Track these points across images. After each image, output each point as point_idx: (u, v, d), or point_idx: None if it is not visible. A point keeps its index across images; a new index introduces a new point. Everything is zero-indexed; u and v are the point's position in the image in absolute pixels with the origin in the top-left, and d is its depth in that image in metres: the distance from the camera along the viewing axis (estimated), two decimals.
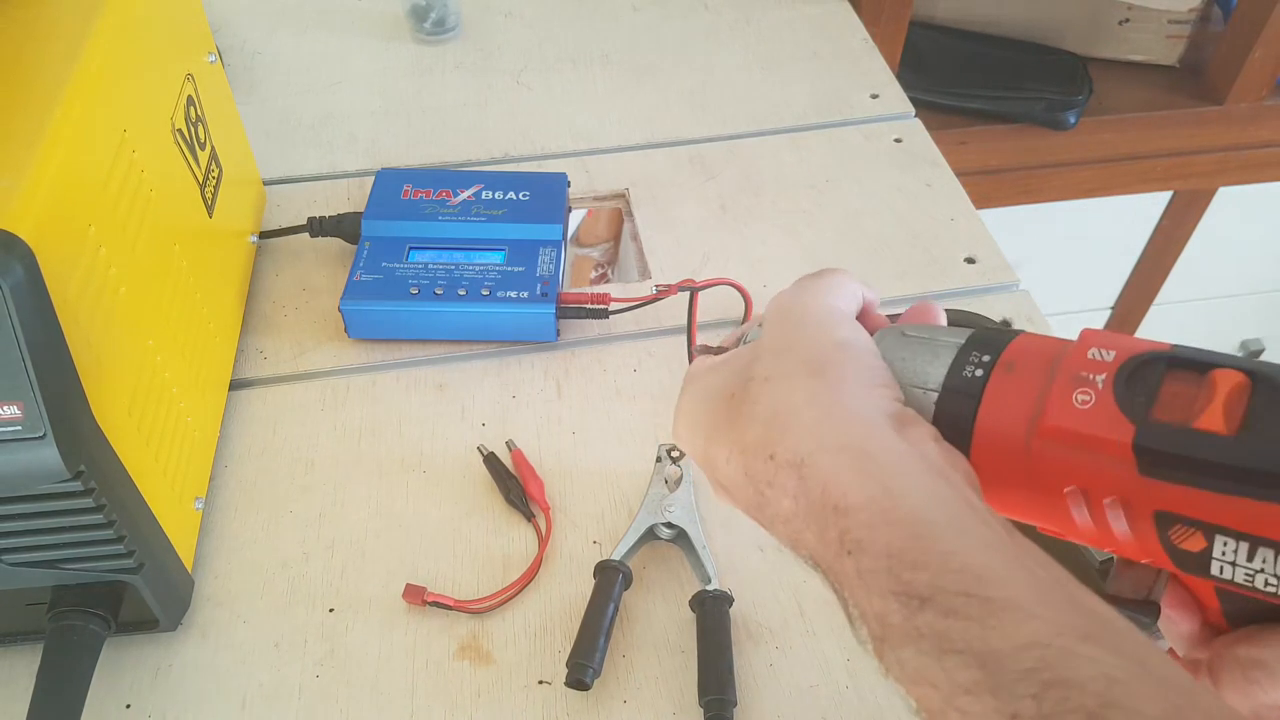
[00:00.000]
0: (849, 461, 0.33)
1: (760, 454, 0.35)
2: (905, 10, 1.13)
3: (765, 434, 0.35)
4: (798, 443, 0.34)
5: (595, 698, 0.54)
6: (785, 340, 0.37)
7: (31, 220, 0.42)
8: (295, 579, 0.59)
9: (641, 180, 0.85)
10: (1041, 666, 0.27)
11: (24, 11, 0.52)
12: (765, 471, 0.35)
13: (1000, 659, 0.27)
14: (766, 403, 0.36)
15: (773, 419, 0.35)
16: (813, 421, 0.34)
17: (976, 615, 0.28)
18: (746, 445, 0.36)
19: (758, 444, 0.35)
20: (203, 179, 0.66)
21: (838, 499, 0.32)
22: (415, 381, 0.70)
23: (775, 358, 0.37)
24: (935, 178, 0.85)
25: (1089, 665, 0.27)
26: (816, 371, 0.36)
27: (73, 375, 0.44)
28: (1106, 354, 0.33)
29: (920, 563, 0.30)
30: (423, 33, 1.00)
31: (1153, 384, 0.32)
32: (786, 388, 0.36)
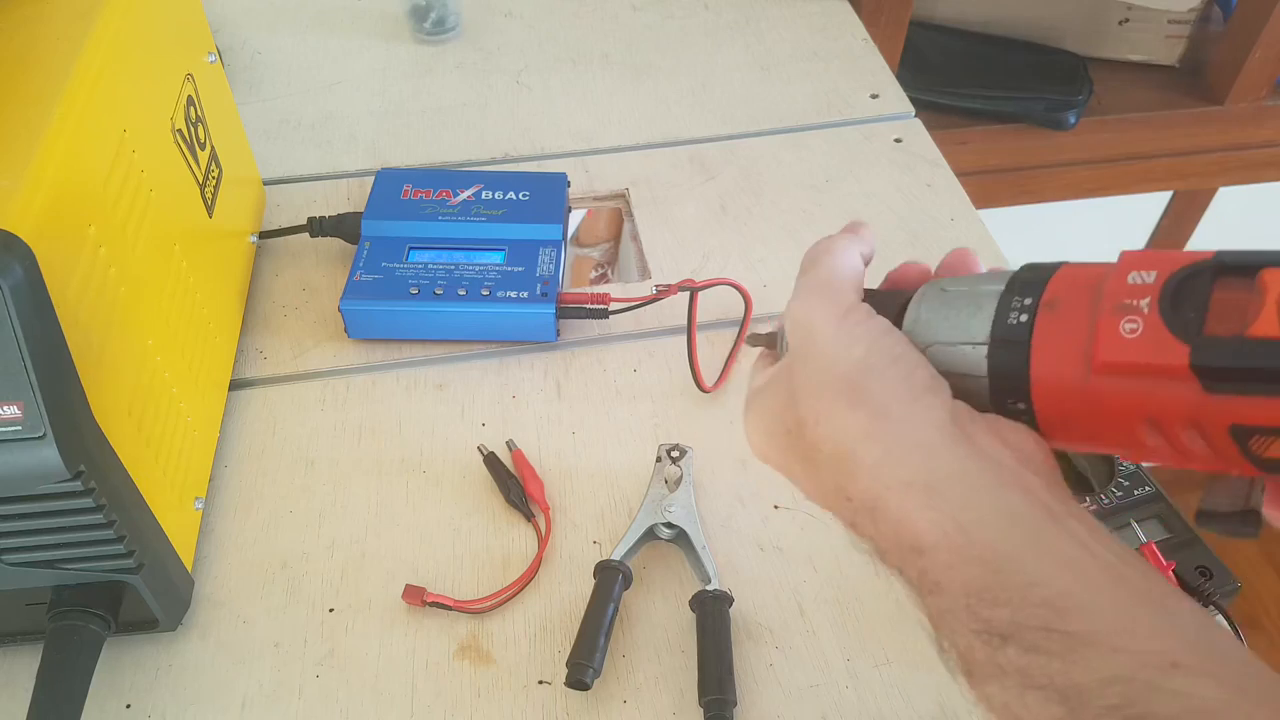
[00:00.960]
0: (917, 499, 0.33)
1: (838, 496, 0.35)
2: (905, 10, 1.13)
3: (836, 479, 0.35)
4: (866, 486, 0.34)
5: (595, 698, 0.54)
6: (809, 373, 0.37)
7: (31, 220, 0.42)
8: (295, 579, 0.59)
9: (641, 180, 0.85)
10: (1124, 703, 0.27)
11: (24, 11, 0.52)
12: (846, 511, 0.35)
13: (1083, 695, 0.27)
14: (827, 449, 0.35)
15: (838, 464, 0.35)
16: (874, 462, 0.34)
17: (1058, 651, 0.28)
18: (824, 488, 0.36)
19: (833, 488, 0.36)
20: (203, 179, 0.66)
21: (912, 540, 0.32)
22: (415, 381, 0.70)
23: (813, 397, 0.36)
24: (935, 178, 0.85)
25: (1174, 700, 0.26)
26: (856, 402, 0.35)
27: (73, 375, 0.44)
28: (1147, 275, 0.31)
29: (1000, 599, 0.30)
30: (423, 33, 1.00)
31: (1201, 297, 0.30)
32: (837, 429, 0.35)
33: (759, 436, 0.40)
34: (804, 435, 0.36)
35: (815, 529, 0.61)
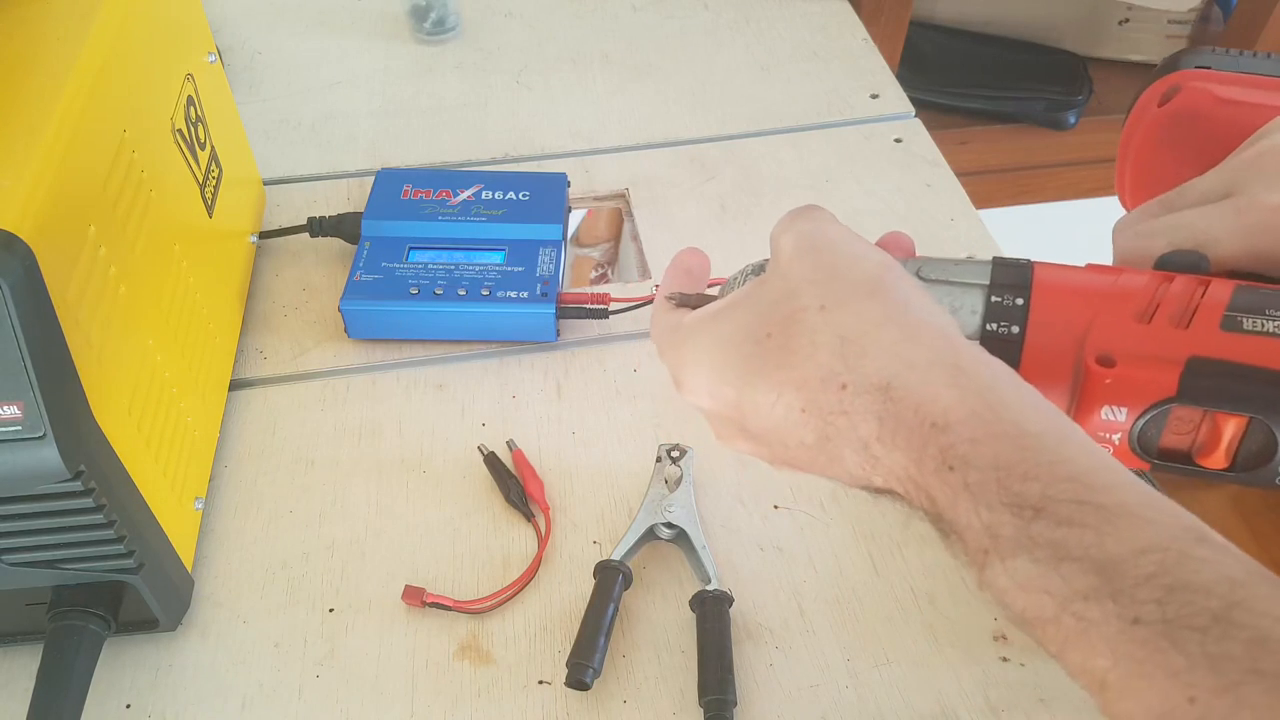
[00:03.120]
0: (942, 377, 0.33)
1: (828, 385, 0.34)
2: (905, 10, 1.14)
3: (833, 363, 0.34)
4: (879, 366, 0.33)
5: (595, 698, 0.54)
6: (821, 267, 0.36)
7: (31, 220, 0.42)
8: (295, 579, 0.59)
9: (641, 180, 0.85)
10: (1161, 571, 0.27)
11: (24, 11, 0.52)
12: (836, 402, 0.34)
13: (1119, 565, 0.28)
14: (829, 331, 0.35)
15: (842, 346, 0.34)
16: (893, 342, 0.34)
17: (1092, 523, 0.29)
18: (805, 379, 0.35)
19: (824, 375, 0.34)
20: (203, 179, 0.66)
21: (935, 416, 0.32)
22: (415, 381, 0.70)
23: (821, 285, 0.36)
24: (935, 178, 0.85)
25: (1209, 568, 0.27)
26: (874, 293, 0.35)
27: (73, 375, 0.44)
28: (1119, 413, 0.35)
29: (1030, 474, 0.30)
30: (423, 33, 1.00)
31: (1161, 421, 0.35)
32: (851, 313, 0.35)
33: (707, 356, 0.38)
34: (795, 326, 0.35)
35: (815, 529, 0.61)
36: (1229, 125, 0.45)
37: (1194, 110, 0.48)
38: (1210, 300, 0.35)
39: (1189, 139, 0.48)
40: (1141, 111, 0.51)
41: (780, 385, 0.35)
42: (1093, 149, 1.26)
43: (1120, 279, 0.37)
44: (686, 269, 0.45)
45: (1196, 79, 0.48)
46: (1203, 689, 0.26)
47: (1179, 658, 0.26)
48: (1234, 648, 0.25)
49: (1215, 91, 0.47)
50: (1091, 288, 0.37)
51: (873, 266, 0.36)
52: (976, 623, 0.57)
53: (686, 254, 0.46)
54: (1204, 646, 0.26)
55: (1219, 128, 0.46)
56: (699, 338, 0.39)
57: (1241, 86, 0.47)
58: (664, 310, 0.43)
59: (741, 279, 0.42)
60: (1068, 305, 0.36)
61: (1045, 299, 0.36)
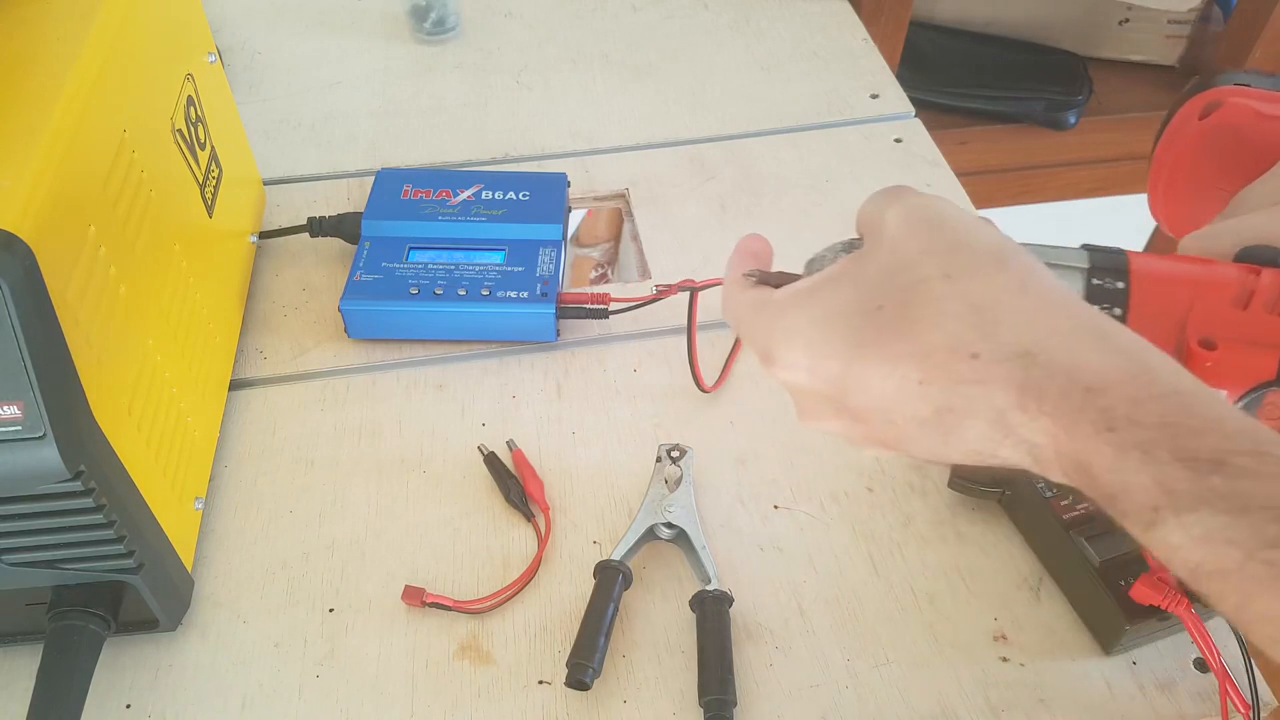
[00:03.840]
0: (1089, 343, 0.32)
1: (958, 354, 0.33)
2: (905, 10, 1.13)
3: (964, 332, 0.33)
4: (1018, 334, 0.33)
5: (595, 698, 0.54)
6: (939, 239, 0.36)
7: (31, 220, 0.42)
8: (295, 579, 0.59)
9: (641, 180, 0.85)
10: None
11: (24, 11, 0.52)
12: (967, 371, 0.33)
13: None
14: (959, 300, 0.34)
15: (975, 314, 0.34)
16: (1030, 309, 0.33)
17: (1274, 472, 0.29)
18: (929, 350, 0.34)
19: (952, 345, 0.33)
20: (203, 179, 0.66)
21: (1089, 380, 0.32)
22: (415, 381, 0.70)
23: (942, 256, 0.35)
24: (935, 178, 0.85)
25: None
26: (1002, 263, 0.35)
27: (73, 375, 0.44)
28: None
29: (1199, 429, 0.30)
30: (423, 33, 1.00)
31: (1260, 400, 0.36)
32: (980, 281, 0.34)
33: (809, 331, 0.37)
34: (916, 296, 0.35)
35: (815, 529, 0.61)
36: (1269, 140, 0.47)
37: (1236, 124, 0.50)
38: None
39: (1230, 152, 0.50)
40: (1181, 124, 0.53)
41: (896, 357, 0.34)
42: (1093, 149, 1.25)
43: (1212, 269, 0.38)
44: (753, 252, 0.44)
45: (1237, 95, 0.51)
46: None
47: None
48: None
49: (1257, 108, 0.49)
50: (1187, 275, 0.38)
51: (995, 237, 0.36)
52: (976, 623, 0.57)
53: (750, 238, 0.45)
54: None
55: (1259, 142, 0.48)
56: (797, 312, 0.38)
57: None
58: (742, 287, 0.42)
59: (832, 256, 0.41)
60: (1167, 290, 0.37)
61: (1145, 283, 0.37)
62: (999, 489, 0.60)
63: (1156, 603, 0.52)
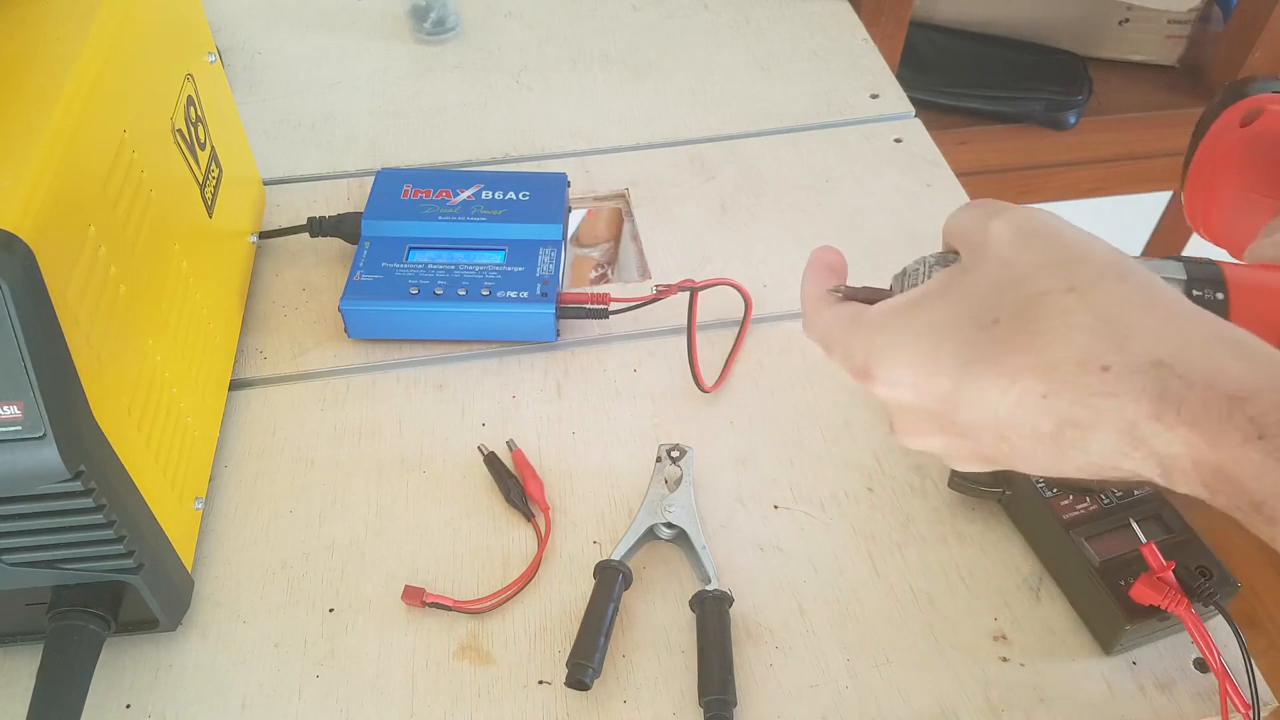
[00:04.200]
0: (1226, 351, 0.32)
1: (1087, 367, 0.33)
2: (905, 10, 1.14)
3: (1093, 344, 0.33)
4: (1151, 344, 0.33)
5: (595, 698, 0.54)
6: (1054, 253, 0.36)
7: (31, 220, 0.42)
8: (295, 579, 0.59)
9: (641, 180, 0.85)
10: None
11: (24, 11, 0.52)
12: (1097, 384, 0.33)
13: None
14: (1086, 312, 0.34)
15: (1106, 326, 0.33)
16: (1161, 320, 0.33)
17: None
18: (1055, 363, 0.34)
19: (1081, 358, 0.33)
20: (203, 179, 0.66)
21: (1231, 388, 0.31)
22: (415, 381, 0.70)
23: (1060, 269, 0.35)
24: (935, 178, 0.85)
25: None
26: (1124, 275, 0.35)
27: (73, 375, 0.44)
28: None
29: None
30: (423, 33, 1.00)
31: None
32: (1106, 294, 0.34)
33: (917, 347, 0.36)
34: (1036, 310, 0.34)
35: (815, 529, 0.61)
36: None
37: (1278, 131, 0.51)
38: None
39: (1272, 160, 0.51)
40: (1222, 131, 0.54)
41: (1015, 372, 0.34)
42: (1093, 149, 1.25)
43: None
44: (829, 265, 0.43)
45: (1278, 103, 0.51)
46: None
47: None
48: None
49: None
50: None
51: (1110, 250, 0.36)
52: (976, 623, 0.57)
53: (824, 251, 0.44)
54: None
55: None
56: (900, 328, 0.37)
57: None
58: (828, 303, 0.41)
59: (927, 270, 0.40)
60: (1265, 300, 0.37)
61: (1243, 294, 0.37)
62: (999, 489, 0.60)
63: (1156, 603, 0.52)
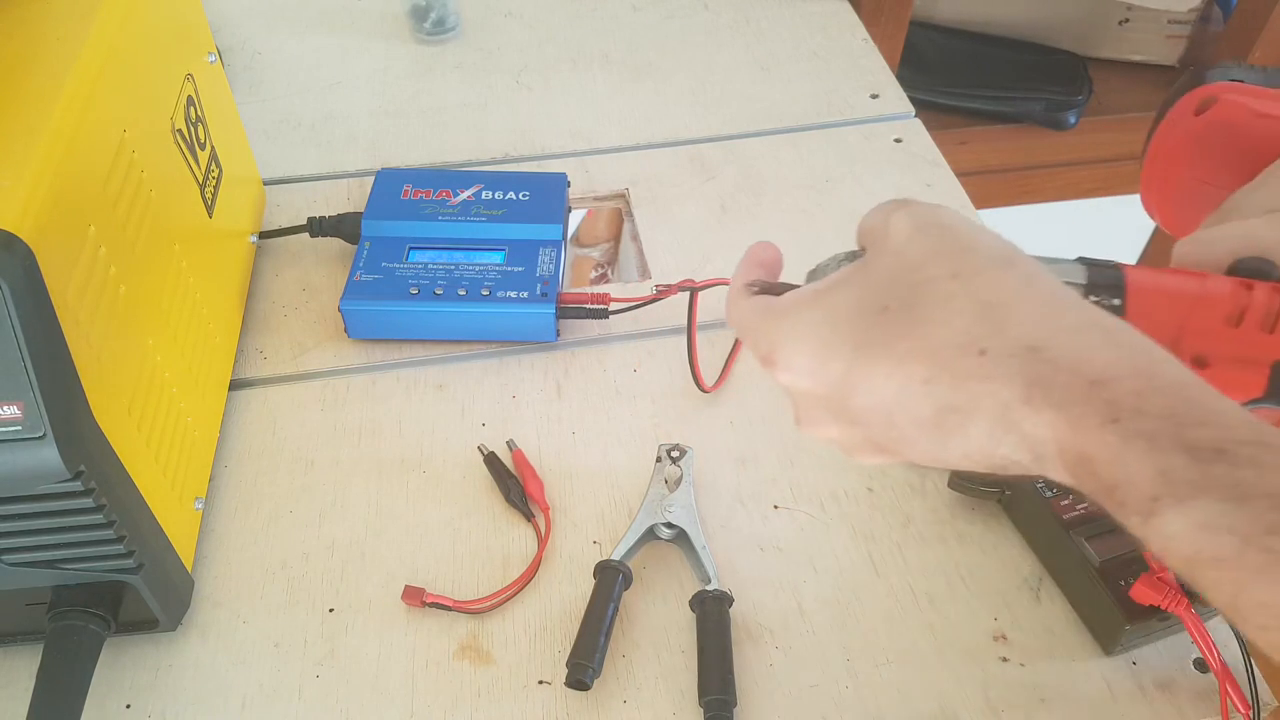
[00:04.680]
0: (1099, 338, 0.33)
1: (966, 351, 0.34)
2: (905, 10, 1.13)
3: (971, 329, 0.34)
4: (1026, 330, 0.34)
5: (595, 698, 0.54)
6: (946, 243, 0.37)
7: (31, 220, 0.42)
8: (295, 579, 0.59)
9: (641, 180, 0.85)
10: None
11: (24, 11, 0.52)
12: (974, 367, 0.34)
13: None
14: (967, 298, 0.35)
15: (985, 311, 0.34)
16: (1038, 307, 0.34)
17: (1273, 463, 0.29)
18: (936, 347, 0.35)
19: (961, 341, 0.34)
20: (203, 179, 0.66)
21: (1095, 374, 0.32)
22: (415, 381, 0.70)
23: (949, 257, 0.36)
24: (935, 178, 0.85)
25: None
26: (1009, 263, 0.36)
27: (73, 375, 0.44)
28: None
29: (1203, 420, 0.31)
30: (423, 33, 1.00)
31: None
32: (989, 280, 0.35)
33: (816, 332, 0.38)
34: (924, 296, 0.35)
35: (815, 529, 0.61)
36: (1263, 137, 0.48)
37: (1230, 121, 0.50)
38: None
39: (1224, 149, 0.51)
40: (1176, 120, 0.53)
41: (901, 356, 0.35)
42: (1093, 149, 1.25)
43: (1205, 283, 0.38)
44: (761, 261, 0.45)
45: (1232, 92, 0.51)
46: None
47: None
48: None
49: (1252, 105, 0.50)
50: (1181, 290, 0.38)
51: (1001, 243, 0.37)
52: (976, 623, 0.57)
53: (760, 247, 0.46)
54: None
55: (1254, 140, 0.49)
56: (801, 315, 0.38)
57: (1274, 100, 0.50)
58: (745, 296, 0.43)
59: (835, 265, 0.42)
60: (1161, 306, 0.38)
61: (1140, 300, 0.38)
62: (999, 489, 0.60)
63: (1156, 603, 0.52)
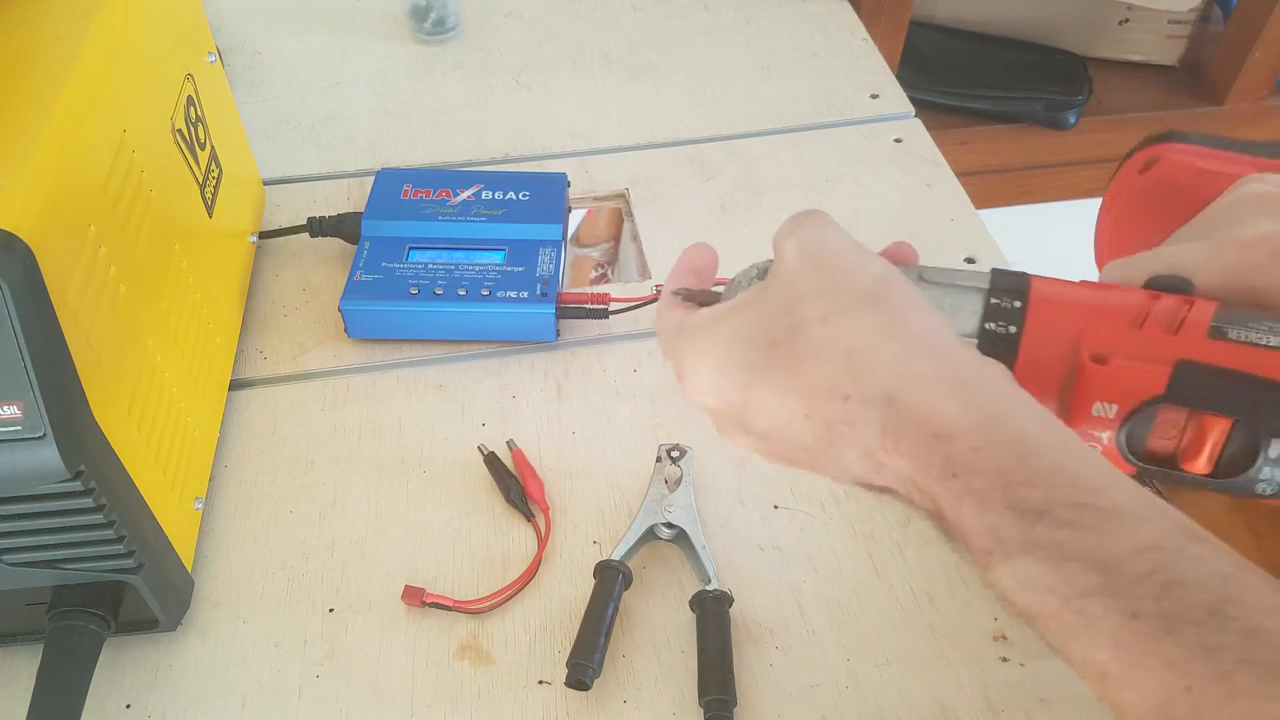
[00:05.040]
0: (945, 390, 0.34)
1: (833, 396, 0.35)
2: (905, 10, 1.13)
3: (838, 375, 0.35)
4: (881, 379, 0.35)
5: (595, 698, 0.54)
6: (824, 279, 0.37)
7: (31, 220, 0.42)
8: (295, 579, 0.59)
9: (641, 180, 0.85)
10: (1158, 568, 0.28)
11: (24, 11, 0.52)
12: (841, 412, 0.35)
13: (1118, 563, 0.29)
14: (834, 343, 0.36)
15: (846, 359, 0.35)
16: (894, 356, 0.35)
17: (1091, 524, 0.30)
18: (811, 389, 0.36)
19: (828, 386, 0.35)
20: (203, 179, 0.66)
21: (939, 427, 0.33)
22: (415, 381, 0.70)
23: (823, 298, 0.37)
24: (935, 178, 0.85)
25: (1202, 564, 0.28)
26: (875, 304, 0.36)
27: (73, 375, 0.44)
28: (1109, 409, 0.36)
29: (1031, 480, 0.31)
30: (423, 33, 1.00)
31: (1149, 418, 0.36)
32: (852, 326, 0.36)
33: (714, 357, 0.39)
34: (801, 337, 0.36)
35: (815, 529, 0.61)
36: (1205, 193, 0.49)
37: (1173, 179, 0.53)
38: (1197, 313, 0.37)
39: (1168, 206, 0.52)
40: (1125, 178, 0.56)
41: (785, 391, 0.37)
42: (1093, 149, 1.25)
43: (1112, 293, 0.39)
44: (693, 267, 0.46)
45: (1175, 151, 0.54)
46: (1199, 677, 0.27)
47: (1176, 649, 0.27)
48: (1228, 639, 0.27)
49: (1194, 163, 0.52)
50: (1086, 297, 0.39)
51: (872, 279, 0.37)
52: (976, 623, 0.57)
53: (694, 251, 0.47)
54: (1200, 638, 0.27)
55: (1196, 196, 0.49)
56: (705, 338, 0.40)
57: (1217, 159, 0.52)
58: (670, 306, 0.44)
59: (746, 281, 0.43)
60: (1064, 310, 0.38)
61: (1043, 303, 0.38)
62: None
63: None
